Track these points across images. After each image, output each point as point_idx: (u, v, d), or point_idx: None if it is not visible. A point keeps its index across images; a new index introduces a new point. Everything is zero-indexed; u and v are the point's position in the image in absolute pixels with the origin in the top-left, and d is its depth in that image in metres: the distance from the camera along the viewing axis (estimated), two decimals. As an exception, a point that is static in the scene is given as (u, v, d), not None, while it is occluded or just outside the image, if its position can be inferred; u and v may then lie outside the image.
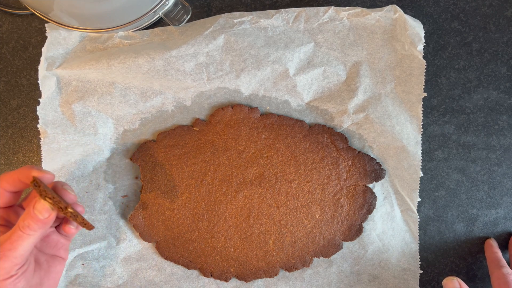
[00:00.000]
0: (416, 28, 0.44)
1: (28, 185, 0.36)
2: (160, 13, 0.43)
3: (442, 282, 0.37)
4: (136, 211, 0.47)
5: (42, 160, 0.45)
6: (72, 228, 0.38)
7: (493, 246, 0.47)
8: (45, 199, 0.33)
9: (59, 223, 0.39)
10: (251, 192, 0.46)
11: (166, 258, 0.47)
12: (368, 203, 0.47)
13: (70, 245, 0.47)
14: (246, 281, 0.47)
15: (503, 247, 0.49)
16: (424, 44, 0.44)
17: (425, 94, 0.45)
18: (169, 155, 0.46)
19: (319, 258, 0.47)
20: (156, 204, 0.46)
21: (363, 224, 0.47)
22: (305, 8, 0.44)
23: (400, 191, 0.47)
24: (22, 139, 0.48)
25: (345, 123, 0.46)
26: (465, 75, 0.48)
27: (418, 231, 0.47)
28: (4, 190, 0.36)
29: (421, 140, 0.46)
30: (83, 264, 0.47)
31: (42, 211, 0.33)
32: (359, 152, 0.47)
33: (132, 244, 0.48)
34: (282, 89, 0.46)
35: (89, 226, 0.36)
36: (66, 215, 0.34)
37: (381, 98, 0.45)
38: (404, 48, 0.44)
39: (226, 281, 0.47)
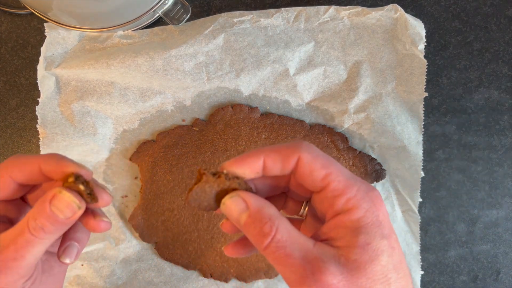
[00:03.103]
0: (417, 28, 0.44)
1: (49, 180, 0.27)
2: (160, 12, 0.43)
3: (221, 209, 0.24)
4: (136, 212, 0.46)
5: (41, 160, 0.45)
6: (106, 222, 0.28)
7: None
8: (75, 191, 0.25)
9: None
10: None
11: (166, 259, 0.47)
12: (368, 203, 0.46)
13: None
14: (246, 282, 0.47)
15: None
16: (425, 44, 0.44)
17: (426, 94, 0.45)
18: (169, 155, 0.46)
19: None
20: (155, 205, 0.46)
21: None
22: (306, 7, 0.44)
23: (401, 192, 0.47)
24: (21, 139, 0.48)
25: (345, 123, 0.46)
26: (466, 75, 0.48)
27: (419, 231, 0.47)
28: (12, 180, 0.26)
29: (422, 140, 0.46)
30: (82, 265, 0.47)
31: (64, 209, 0.24)
32: (359, 152, 0.46)
33: (131, 244, 0.48)
34: (282, 88, 0.46)
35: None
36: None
37: (382, 98, 0.45)
38: (405, 47, 0.44)
39: (226, 282, 0.47)
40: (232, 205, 0.23)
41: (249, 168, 0.23)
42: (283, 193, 0.27)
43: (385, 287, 0.21)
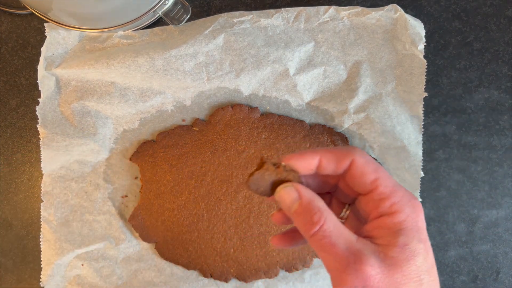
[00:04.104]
0: (417, 28, 0.44)
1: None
2: (160, 13, 0.43)
3: (275, 196, 0.26)
4: (136, 212, 0.46)
5: (41, 160, 0.45)
6: None
7: None
8: None
9: None
10: (251, 192, 0.46)
11: (166, 259, 0.47)
12: (368, 203, 0.46)
13: (69, 245, 0.46)
14: (246, 281, 0.47)
15: None
16: (425, 44, 0.44)
17: (426, 94, 0.45)
18: (169, 155, 0.46)
19: (319, 258, 0.47)
20: (155, 205, 0.46)
21: (364, 225, 0.47)
22: (306, 7, 0.44)
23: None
24: (21, 139, 0.48)
25: (345, 123, 0.46)
26: (466, 75, 0.48)
27: (419, 231, 0.47)
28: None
29: (422, 140, 0.46)
30: (82, 265, 0.47)
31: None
32: (359, 152, 0.46)
33: (131, 244, 0.48)
34: (282, 88, 0.46)
35: None
36: None
37: (382, 97, 0.45)
38: (404, 47, 0.44)
39: (226, 281, 0.47)
40: (286, 194, 0.25)
41: (306, 164, 0.25)
42: (329, 193, 0.29)
43: (417, 286, 0.23)
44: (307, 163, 0.26)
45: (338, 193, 0.28)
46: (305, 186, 0.26)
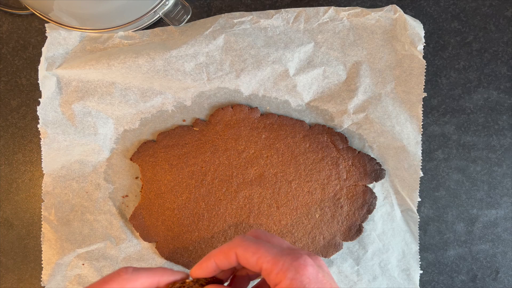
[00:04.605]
0: (416, 28, 0.44)
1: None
2: (160, 13, 0.43)
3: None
4: (136, 211, 0.47)
5: (42, 160, 0.45)
6: None
7: None
8: None
9: None
10: (251, 192, 0.46)
11: (166, 258, 0.47)
12: (368, 203, 0.47)
13: (69, 245, 0.47)
14: (246, 281, 0.47)
15: None
16: (424, 44, 0.44)
17: (425, 94, 0.45)
18: (169, 155, 0.46)
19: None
20: (156, 204, 0.46)
21: (363, 224, 0.47)
22: (305, 8, 0.44)
23: (400, 191, 0.47)
24: (22, 139, 0.48)
25: (345, 123, 0.46)
26: (465, 75, 0.48)
27: (418, 231, 0.47)
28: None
29: (421, 140, 0.46)
30: (83, 264, 0.47)
31: None
32: (359, 152, 0.47)
33: (132, 244, 0.48)
34: (282, 89, 0.46)
35: None
36: None
37: (381, 98, 0.45)
38: (404, 48, 0.44)
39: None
40: None
41: (206, 271, 0.30)
42: None
43: None
44: (207, 270, 0.30)
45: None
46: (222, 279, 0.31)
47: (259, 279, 0.35)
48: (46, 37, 0.44)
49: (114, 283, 0.29)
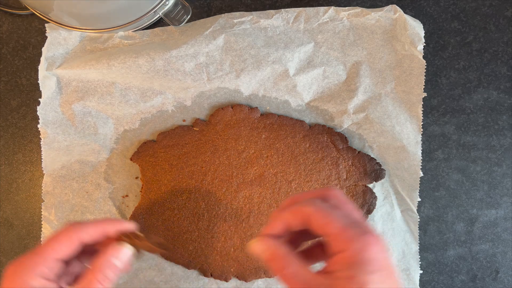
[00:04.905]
0: (416, 28, 0.44)
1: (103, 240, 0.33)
2: (160, 13, 0.43)
3: (248, 249, 0.31)
4: (136, 211, 0.47)
5: (42, 160, 0.45)
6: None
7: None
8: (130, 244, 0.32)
9: None
10: (251, 192, 0.46)
11: (166, 258, 0.47)
12: (368, 203, 0.47)
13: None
14: (246, 281, 0.47)
15: None
16: (424, 44, 0.44)
17: (425, 94, 0.45)
18: (169, 155, 0.46)
19: None
20: (156, 204, 0.46)
21: (363, 224, 0.47)
22: (305, 8, 0.44)
23: (400, 191, 0.47)
24: (22, 139, 0.48)
25: (345, 123, 0.46)
26: (465, 75, 0.48)
27: (418, 231, 0.47)
28: (80, 241, 0.32)
29: (421, 140, 0.46)
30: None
31: (123, 260, 0.32)
32: (359, 152, 0.47)
33: (132, 244, 0.48)
34: (282, 89, 0.46)
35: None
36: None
37: (381, 98, 0.45)
38: (404, 48, 0.44)
39: (226, 281, 0.47)
40: (255, 247, 0.30)
41: (277, 230, 0.31)
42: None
43: None
44: (276, 230, 0.31)
45: (313, 232, 0.31)
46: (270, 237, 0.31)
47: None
48: (46, 37, 0.44)
49: (63, 238, 0.31)
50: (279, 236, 0.31)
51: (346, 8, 0.44)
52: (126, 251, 0.32)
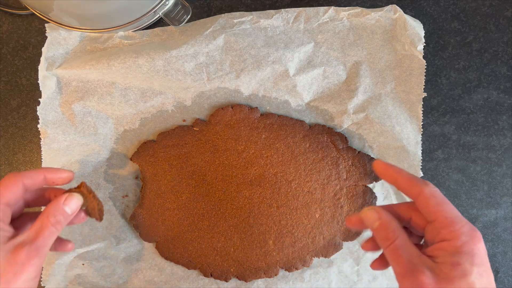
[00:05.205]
0: (416, 28, 0.44)
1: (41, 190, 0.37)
2: (160, 13, 0.43)
3: (361, 215, 0.33)
4: (136, 211, 0.47)
5: (42, 160, 0.45)
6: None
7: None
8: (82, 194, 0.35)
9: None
10: (251, 192, 0.46)
11: (166, 258, 0.47)
12: (368, 203, 0.47)
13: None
14: (246, 281, 0.47)
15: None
16: (424, 44, 0.44)
17: (425, 94, 0.45)
18: (169, 155, 0.46)
19: (319, 258, 0.47)
20: (156, 204, 0.46)
21: (363, 224, 0.47)
22: (305, 8, 0.44)
23: (400, 191, 0.47)
24: (22, 139, 0.48)
25: (345, 123, 0.46)
26: (465, 75, 0.48)
27: (418, 231, 0.47)
28: (23, 185, 0.34)
29: (421, 140, 0.46)
30: (83, 264, 0.47)
31: (73, 207, 0.34)
32: (359, 152, 0.47)
33: (132, 244, 0.48)
34: (282, 89, 0.46)
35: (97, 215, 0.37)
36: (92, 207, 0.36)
37: (381, 98, 0.46)
38: (404, 48, 0.44)
39: (226, 281, 0.47)
40: (370, 214, 0.32)
41: (384, 175, 0.33)
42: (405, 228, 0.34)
43: None
44: (388, 177, 0.33)
45: (412, 227, 0.33)
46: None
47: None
48: (46, 37, 0.44)
49: (9, 183, 0.33)
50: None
51: (346, 8, 0.44)
52: (76, 200, 0.35)
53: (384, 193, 0.48)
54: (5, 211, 0.33)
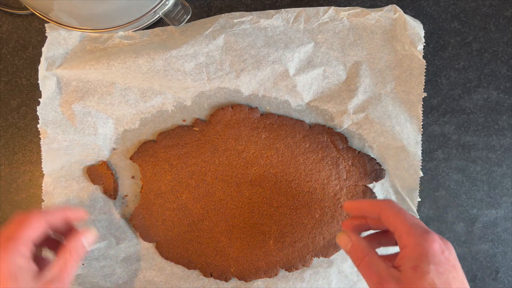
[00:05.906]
0: (416, 28, 0.44)
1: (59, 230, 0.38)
2: (160, 13, 0.43)
3: (336, 239, 0.38)
4: (136, 211, 0.47)
5: (42, 160, 0.45)
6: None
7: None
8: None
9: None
10: (251, 192, 0.46)
11: (166, 258, 0.47)
12: (368, 203, 0.47)
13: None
14: (246, 281, 0.47)
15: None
16: (424, 44, 0.44)
17: (425, 94, 0.45)
18: (169, 155, 0.46)
19: (319, 258, 0.47)
20: (156, 204, 0.46)
21: (363, 224, 0.47)
22: (305, 8, 0.44)
23: (400, 191, 0.47)
24: (22, 139, 0.48)
25: (345, 123, 0.46)
26: (465, 75, 0.48)
27: (418, 231, 0.47)
28: (47, 225, 0.36)
29: (421, 140, 0.46)
30: (83, 264, 0.47)
31: (91, 241, 0.38)
32: (359, 152, 0.47)
33: (132, 244, 0.48)
34: (282, 89, 0.46)
35: None
36: None
37: (381, 98, 0.45)
38: (404, 48, 0.44)
39: (226, 281, 0.47)
40: (343, 239, 0.36)
41: (355, 213, 0.39)
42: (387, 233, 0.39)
43: None
44: (357, 213, 0.38)
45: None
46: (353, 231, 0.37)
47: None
48: (46, 37, 0.44)
49: (34, 220, 0.34)
50: (359, 230, 0.38)
51: (346, 8, 0.44)
52: (92, 235, 0.38)
53: (384, 193, 0.48)
54: (31, 249, 0.34)
